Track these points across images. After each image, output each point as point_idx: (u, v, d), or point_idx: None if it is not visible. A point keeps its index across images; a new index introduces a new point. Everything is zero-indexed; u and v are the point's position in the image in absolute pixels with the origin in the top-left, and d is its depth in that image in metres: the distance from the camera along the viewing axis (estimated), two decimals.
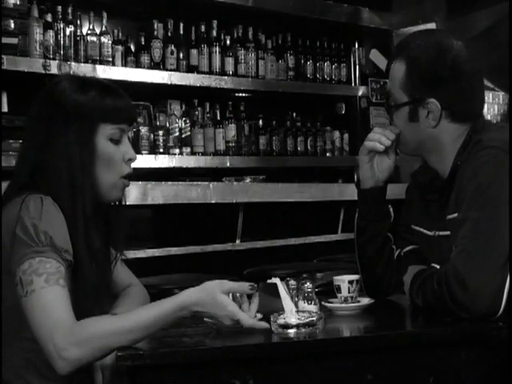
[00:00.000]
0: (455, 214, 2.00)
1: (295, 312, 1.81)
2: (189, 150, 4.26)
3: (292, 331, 1.74)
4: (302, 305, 1.97)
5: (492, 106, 6.26)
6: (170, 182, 3.82)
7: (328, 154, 5.03)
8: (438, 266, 1.97)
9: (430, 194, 2.17)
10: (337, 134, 5.09)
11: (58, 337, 1.68)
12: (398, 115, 2.12)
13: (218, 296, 1.75)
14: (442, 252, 2.06)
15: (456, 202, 2.01)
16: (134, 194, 3.63)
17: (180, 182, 3.90)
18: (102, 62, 3.89)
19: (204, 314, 1.76)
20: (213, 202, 3.93)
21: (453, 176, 2.06)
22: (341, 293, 2.06)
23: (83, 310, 1.77)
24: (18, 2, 3.51)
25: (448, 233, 2.05)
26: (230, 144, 4.45)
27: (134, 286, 2.14)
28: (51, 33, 3.69)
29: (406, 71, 2.07)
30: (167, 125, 4.22)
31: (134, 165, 2.02)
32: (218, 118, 4.49)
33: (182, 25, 4.31)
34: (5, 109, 3.65)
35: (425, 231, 2.18)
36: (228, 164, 4.36)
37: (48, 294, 1.71)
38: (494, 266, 1.86)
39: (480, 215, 1.91)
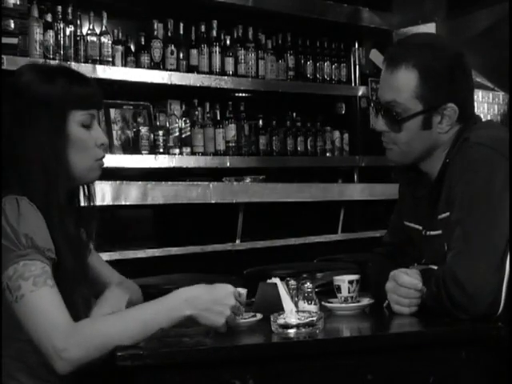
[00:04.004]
0: (446, 214, 2.00)
1: (295, 312, 1.82)
2: (189, 150, 4.26)
3: (292, 331, 1.74)
4: (302, 305, 1.97)
5: (492, 106, 6.26)
6: (170, 182, 3.83)
7: (328, 154, 5.03)
8: (435, 267, 1.96)
9: (419, 192, 2.16)
10: (337, 133, 5.09)
11: (57, 338, 1.67)
12: (409, 125, 2.04)
13: (216, 286, 1.77)
14: (433, 251, 2.06)
15: (447, 201, 2.01)
16: (134, 193, 3.64)
17: (180, 182, 3.90)
18: (102, 62, 3.89)
19: (200, 315, 1.75)
20: (213, 202, 3.93)
21: (442, 175, 2.06)
22: (341, 293, 2.06)
23: (66, 297, 1.76)
24: (18, 2, 3.51)
25: (439, 232, 2.05)
26: (230, 144, 4.45)
27: (125, 282, 2.13)
28: (51, 33, 3.69)
29: (420, 79, 2.01)
30: (167, 125, 4.22)
31: (134, 165, 2.03)
32: (218, 117, 4.49)
33: (181, 25, 4.31)
34: None
35: (417, 226, 2.17)
36: (228, 164, 4.36)
37: (39, 297, 1.70)
38: (491, 266, 1.86)
39: (471, 215, 1.92)
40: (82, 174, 1.94)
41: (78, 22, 3.88)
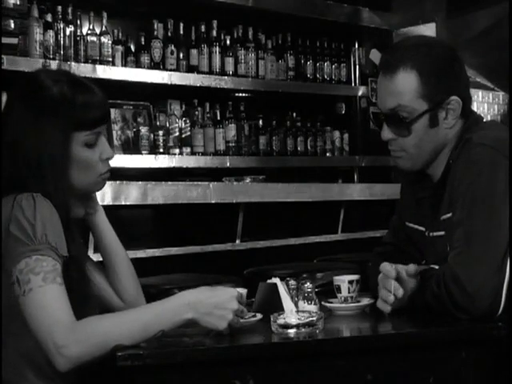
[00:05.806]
0: (449, 214, 2.00)
1: (295, 312, 1.82)
2: (189, 150, 4.26)
3: (292, 331, 1.75)
4: (302, 305, 1.97)
5: (492, 105, 6.27)
6: (170, 182, 3.82)
7: (328, 154, 5.03)
8: (436, 267, 1.97)
9: (421, 192, 2.17)
10: (337, 133, 5.09)
11: (58, 334, 1.68)
12: (417, 127, 2.05)
13: (219, 289, 1.77)
14: (436, 252, 2.06)
15: (449, 202, 2.01)
16: (134, 193, 3.63)
17: (180, 182, 3.90)
18: (102, 62, 3.89)
19: (202, 319, 1.75)
20: (213, 202, 3.93)
21: (445, 176, 2.06)
22: (341, 293, 2.06)
23: (73, 285, 1.78)
24: (18, 2, 3.51)
25: (442, 233, 2.05)
26: (230, 144, 4.45)
27: None
28: (51, 33, 3.69)
29: (421, 78, 2.02)
30: (167, 125, 4.22)
31: (134, 165, 2.02)
32: (218, 117, 4.49)
33: (182, 25, 4.31)
34: None
35: (419, 228, 2.17)
36: (228, 164, 4.36)
37: (46, 293, 1.71)
38: (492, 266, 1.86)
39: (473, 216, 1.91)
40: (84, 188, 1.96)
41: (78, 21, 3.88)
